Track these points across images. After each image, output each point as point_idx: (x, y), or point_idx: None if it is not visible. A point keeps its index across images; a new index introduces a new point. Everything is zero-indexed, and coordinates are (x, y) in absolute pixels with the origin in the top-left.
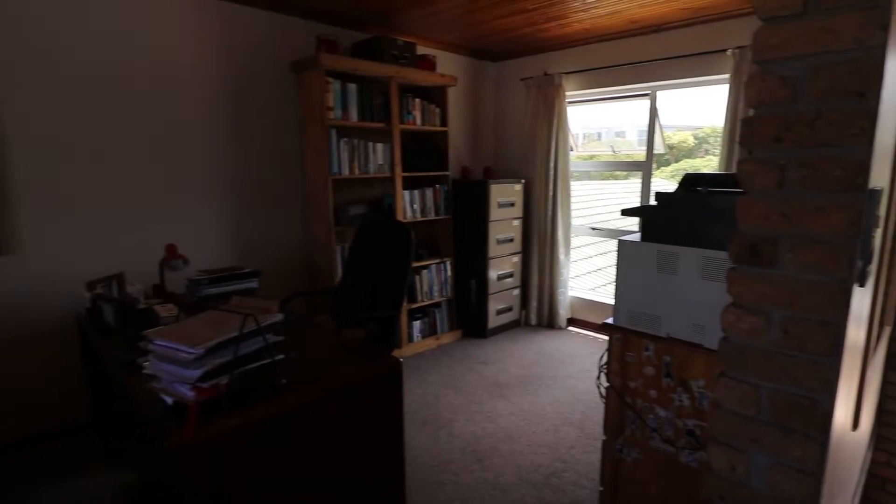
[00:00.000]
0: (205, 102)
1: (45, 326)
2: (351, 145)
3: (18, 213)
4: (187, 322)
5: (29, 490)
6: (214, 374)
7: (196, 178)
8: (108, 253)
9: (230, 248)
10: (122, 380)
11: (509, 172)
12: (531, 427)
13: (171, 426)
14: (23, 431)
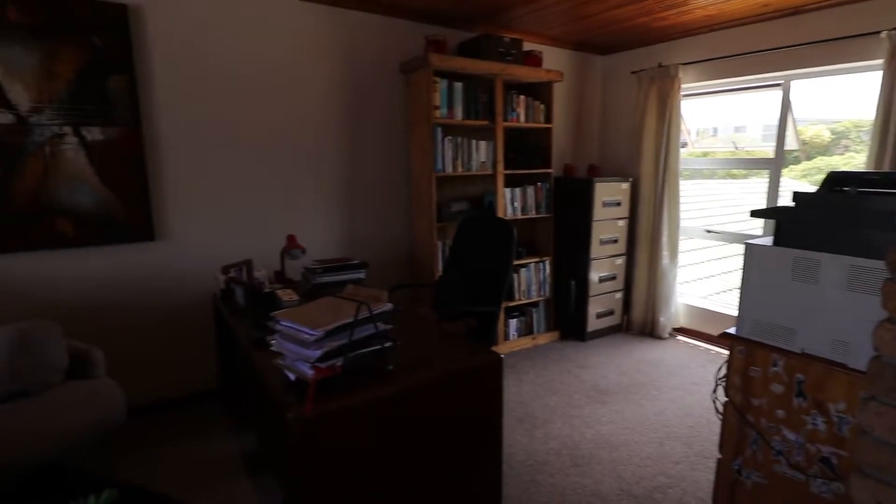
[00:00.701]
0: (322, 106)
1: (187, 302)
2: (455, 143)
3: (168, 206)
4: (308, 306)
5: (166, 445)
6: (331, 356)
7: (313, 176)
8: (239, 241)
9: (341, 241)
10: (251, 354)
11: (615, 170)
12: (633, 437)
13: (293, 400)
14: (165, 394)
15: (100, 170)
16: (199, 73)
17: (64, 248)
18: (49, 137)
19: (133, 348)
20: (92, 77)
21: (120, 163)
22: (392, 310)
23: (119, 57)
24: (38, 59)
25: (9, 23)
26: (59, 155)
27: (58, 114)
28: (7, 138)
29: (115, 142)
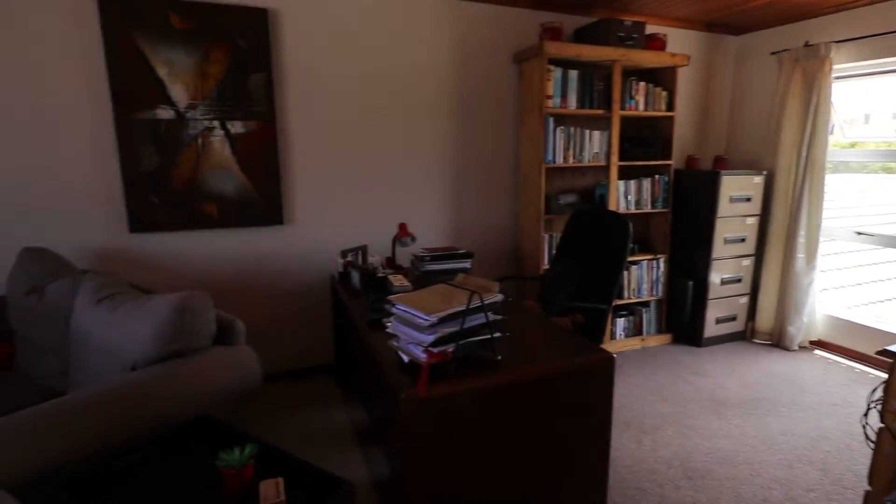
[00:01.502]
0: (435, 100)
1: (309, 282)
2: (567, 133)
3: (295, 194)
4: (422, 292)
5: (286, 411)
6: (443, 342)
7: (423, 166)
8: (355, 228)
9: (448, 230)
10: (366, 335)
11: (745, 163)
12: (756, 456)
13: (406, 380)
14: (286, 365)
15: (240, 159)
16: (324, 70)
17: (210, 228)
18: (201, 131)
19: (261, 321)
20: (236, 76)
21: (256, 153)
22: (503, 300)
23: (259, 57)
24: (194, 61)
25: (173, 29)
26: (209, 146)
27: (208, 109)
28: (168, 132)
29: (253, 134)
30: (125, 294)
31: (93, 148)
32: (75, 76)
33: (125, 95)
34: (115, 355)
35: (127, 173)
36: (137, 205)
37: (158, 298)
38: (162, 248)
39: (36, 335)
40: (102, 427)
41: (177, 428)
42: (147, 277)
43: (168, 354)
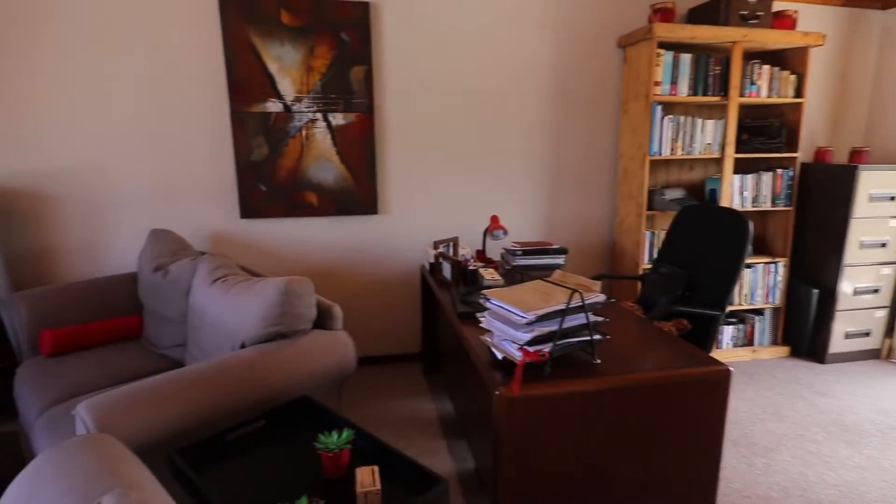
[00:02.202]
0: (532, 86)
1: (400, 271)
2: (675, 123)
3: (390, 184)
4: (518, 288)
5: (374, 396)
6: (540, 341)
7: (517, 158)
8: (447, 219)
9: (540, 223)
10: (458, 327)
11: (890, 156)
12: (894, 494)
13: (499, 378)
14: (375, 351)
15: (340, 150)
16: (421, 61)
17: (310, 216)
18: (305, 123)
19: (354, 306)
20: (339, 69)
21: (355, 145)
22: (605, 301)
23: (360, 49)
24: (301, 56)
25: (283, 26)
26: (312, 138)
27: (312, 102)
28: (276, 124)
29: (352, 126)
30: (236, 276)
31: (211, 140)
32: (199, 73)
33: (240, 90)
34: (226, 332)
35: (239, 163)
36: (247, 193)
37: (266, 282)
38: (267, 233)
39: (160, 309)
40: (214, 398)
41: (278, 406)
42: (254, 260)
43: (273, 335)
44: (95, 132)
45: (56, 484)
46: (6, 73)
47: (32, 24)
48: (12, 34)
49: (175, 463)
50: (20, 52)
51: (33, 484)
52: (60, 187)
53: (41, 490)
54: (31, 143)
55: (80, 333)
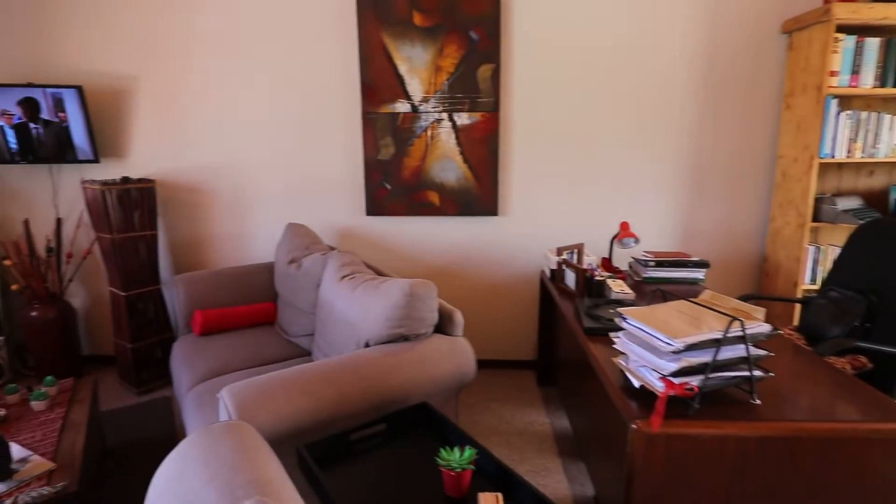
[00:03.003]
0: (675, 81)
1: (518, 275)
2: (855, 119)
3: (511, 185)
4: (660, 308)
5: (486, 404)
6: (688, 373)
7: (652, 158)
8: (569, 223)
9: (675, 232)
10: (584, 343)
11: None
12: None
13: (634, 408)
14: (489, 356)
15: (463, 150)
16: (551, 57)
17: (431, 215)
18: (431, 122)
19: (469, 308)
20: (466, 68)
21: (479, 145)
22: (770, 332)
23: (489, 47)
24: (430, 56)
25: (415, 27)
26: (436, 138)
27: (439, 102)
28: (403, 124)
29: (477, 125)
30: (363, 274)
31: (343, 140)
32: (335, 77)
33: (371, 91)
34: (351, 329)
35: (368, 162)
36: (373, 191)
37: (391, 283)
38: (389, 230)
39: (292, 299)
40: (340, 395)
41: (399, 412)
42: (376, 256)
43: (395, 337)
44: (243, 133)
45: (201, 470)
46: (173, 82)
47: (190, 37)
48: (176, 50)
49: (302, 457)
50: (183, 65)
51: (183, 464)
52: (213, 183)
53: (189, 472)
54: (191, 142)
55: (226, 316)
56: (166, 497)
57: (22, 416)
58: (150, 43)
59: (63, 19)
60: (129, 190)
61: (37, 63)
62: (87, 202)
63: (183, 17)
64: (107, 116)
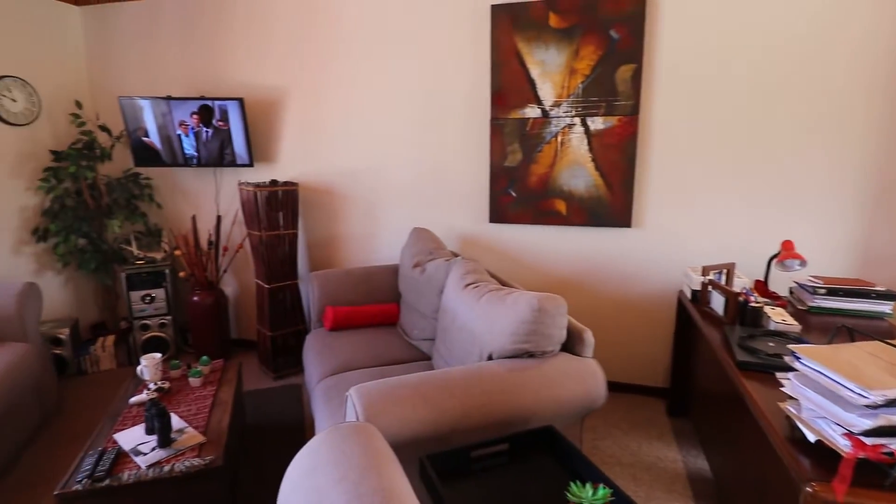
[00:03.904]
0: (854, 76)
1: (651, 293)
2: None
3: (647, 195)
4: (845, 349)
5: (610, 431)
6: (884, 433)
7: (822, 168)
8: (715, 239)
9: (851, 255)
10: (737, 378)
11: None
12: None
13: (808, 467)
14: (614, 377)
15: (595, 157)
16: (703, 56)
17: (556, 224)
18: (562, 128)
19: (595, 325)
20: (604, 69)
21: (612, 151)
22: None
23: (630, 47)
24: (564, 59)
25: (549, 29)
26: (566, 143)
27: (571, 106)
28: (532, 130)
29: (612, 130)
30: (487, 283)
31: (471, 146)
32: (466, 83)
33: (501, 97)
34: (474, 339)
35: (494, 169)
36: (498, 198)
37: (518, 295)
38: (512, 238)
39: (415, 302)
40: (462, 408)
41: (522, 433)
42: (498, 264)
43: (519, 352)
44: (375, 139)
45: (331, 469)
46: (315, 92)
47: (331, 50)
48: (319, 62)
49: (424, 468)
50: (324, 76)
51: (315, 460)
52: (347, 186)
53: (320, 469)
54: (329, 148)
55: (354, 314)
56: (299, 491)
57: (181, 390)
58: (297, 56)
59: (230, 40)
60: (276, 192)
61: (207, 79)
62: (242, 202)
63: (325, 31)
64: (261, 124)
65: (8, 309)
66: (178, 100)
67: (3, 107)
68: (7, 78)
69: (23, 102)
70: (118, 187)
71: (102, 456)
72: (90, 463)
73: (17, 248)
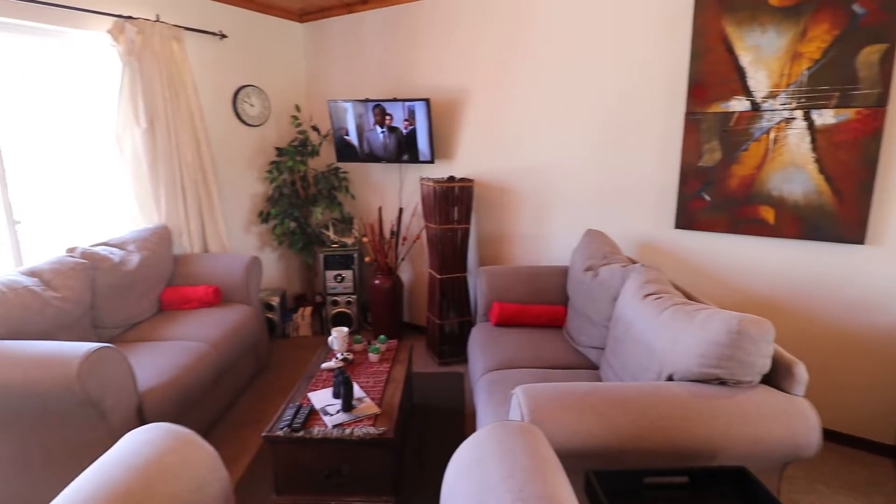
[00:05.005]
0: None
1: (888, 327)
2: None
3: (890, 206)
4: None
5: (815, 488)
6: None
7: None
8: None
9: None
10: None
11: None
12: None
13: None
14: (833, 425)
15: (820, 157)
16: None
17: (761, 235)
18: (776, 123)
19: (805, 357)
20: (840, 52)
21: (845, 150)
22: None
23: (881, 22)
24: (786, 41)
25: (769, 8)
26: (781, 141)
27: (791, 97)
28: (737, 125)
29: (846, 125)
30: (672, 296)
31: (658, 145)
32: (658, 76)
33: (700, 89)
34: (651, 355)
35: (685, 169)
36: (687, 201)
37: (711, 313)
38: (702, 248)
39: (584, 308)
40: (636, 428)
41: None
42: (683, 276)
43: (707, 377)
44: (552, 138)
45: (497, 464)
46: (495, 91)
47: (511, 48)
48: (499, 62)
49: (591, 484)
50: (504, 75)
51: (481, 452)
52: (521, 185)
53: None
54: (506, 146)
55: (520, 312)
56: (465, 478)
57: (361, 363)
58: (478, 58)
59: (420, 45)
60: (453, 188)
61: (400, 82)
62: (422, 196)
63: (506, 30)
64: (443, 123)
65: (239, 277)
66: (375, 101)
67: (244, 111)
68: (249, 87)
69: (258, 107)
70: (322, 179)
71: (299, 410)
72: (290, 414)
73: (246, 228)
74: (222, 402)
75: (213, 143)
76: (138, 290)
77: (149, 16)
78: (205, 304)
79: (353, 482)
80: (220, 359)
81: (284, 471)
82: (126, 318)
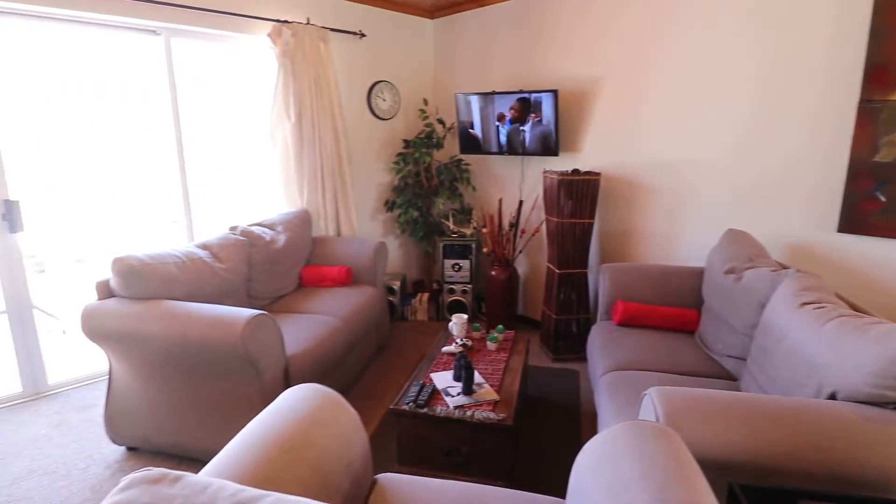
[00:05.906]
0: None
1: None
2: None
3: None
4: None
5: None
6: None
7: None
8: None
9: None
10: None
11: None
12: None
13: None
14: None
15: None
16: None
17: None
18: None
19: None
20: None
21: None
22: None
23: None
24: None
25: None
26: None
27: None
28: None
29: None
30: (835, 306)
31: (821, 135)
32: (819, 57)
33: (881, 72)
34: (809, 370)
35: (854, 165)
36: (856, 202)
37: (891, 328)
38: (871, 255)
39: (723, 313)
40: (786, 445)
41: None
42: (848, 287)
43: (880, 399)
44: (691, 130)
45: (631, 462)
46: (628, 81)
47: (648, 36)
48: (634, 50)
49: (735, 496)
50: (640, 64)
51: (613, 448)
52: (652, 179)
53: (619, 459)
54: (637, 139)
55: (646, 312)
56: (598, 473)
57: (479, 350)
58: (611, 46)
59: (549, 34)
60: (577, 180)
61: (527, 73)
62: (545, 189)
63: (643, 17)
64: (569, 115)
65: (367, 260)
66: (500, 94)
67: (377, 105)
68: (382, 83)
69: (389, 101)
70: (444, 171)
71: (423, 388)
72: (414, 392)
73: (373, 215)
74: (349, 376)
75: (349, 136)
76: (284, 267)
77: (301, 19)
78: (338, 283)
79: (471, 463)
80: (349, 334)
81: (407, 443)
82: (273, 290)
